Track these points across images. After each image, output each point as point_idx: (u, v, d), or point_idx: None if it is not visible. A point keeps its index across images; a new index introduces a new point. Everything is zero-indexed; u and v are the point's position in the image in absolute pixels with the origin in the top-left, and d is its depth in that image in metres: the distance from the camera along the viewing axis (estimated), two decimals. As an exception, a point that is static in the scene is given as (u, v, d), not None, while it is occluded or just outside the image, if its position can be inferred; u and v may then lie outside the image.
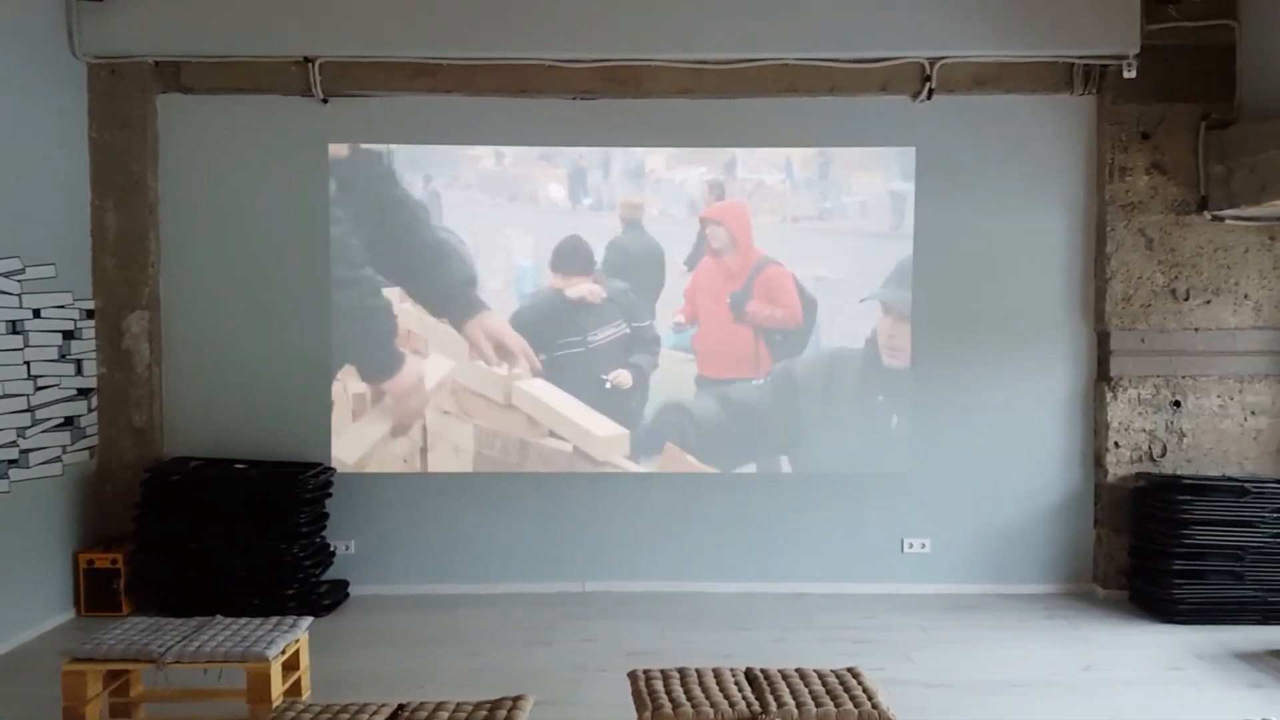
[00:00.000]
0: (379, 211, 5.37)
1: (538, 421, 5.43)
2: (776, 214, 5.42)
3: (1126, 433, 5.30)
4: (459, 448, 5.42)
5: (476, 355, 5.39)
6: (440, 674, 4.28)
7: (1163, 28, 5.14)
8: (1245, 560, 4.88)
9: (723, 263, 5.43)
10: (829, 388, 5.44)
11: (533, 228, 5.41)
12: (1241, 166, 4.91)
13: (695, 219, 5.40)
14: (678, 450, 5.44)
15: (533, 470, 5.41)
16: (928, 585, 5.44)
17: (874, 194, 5.43)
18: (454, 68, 5.21)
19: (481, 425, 5.42)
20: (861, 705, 3.06)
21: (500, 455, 5.42)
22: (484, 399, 5.42)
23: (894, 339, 5.45)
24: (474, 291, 5.39)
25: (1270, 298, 5.23)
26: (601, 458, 5.43)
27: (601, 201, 5.41)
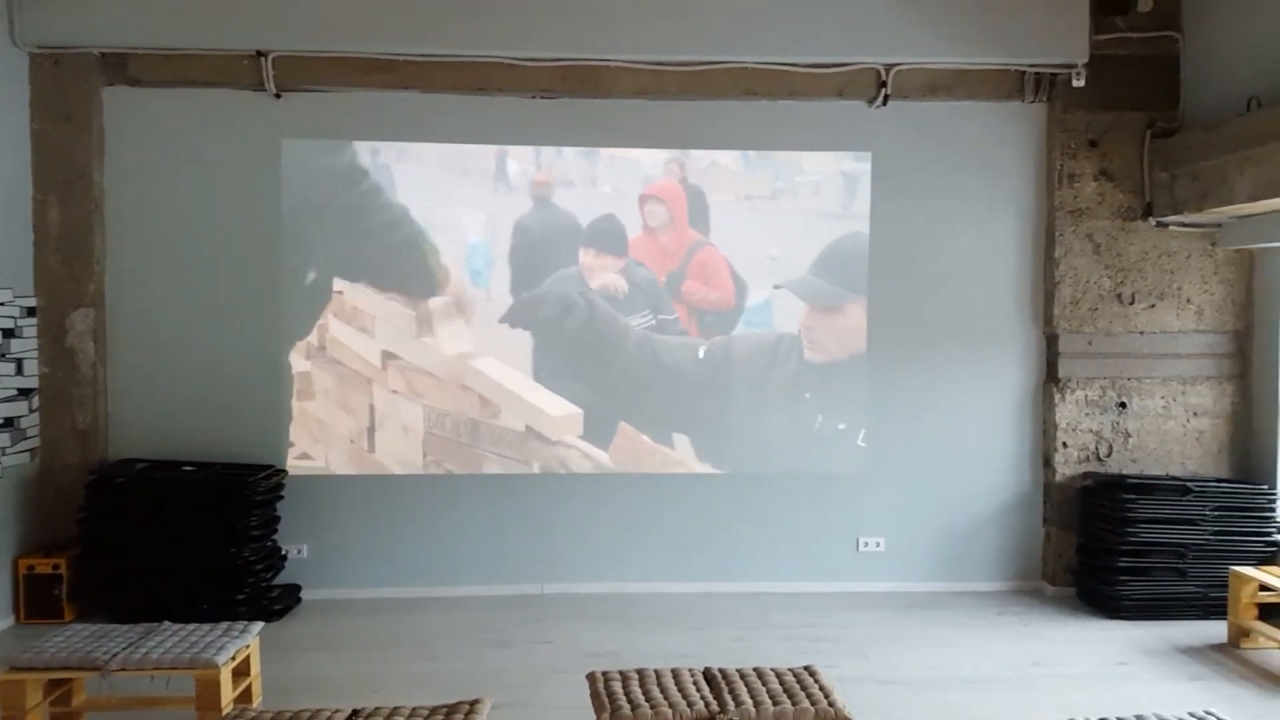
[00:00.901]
0: (329, 186, 5.29)
1: (489, 401, 5.36)
2: (730, 192, 5.42)
3: (1074, 433, 5.42)
4: (408, 428, 5.33)
5: (427, 332, 5.30)
6: (396, 678, 4.23)
7: (1110, 38, 5.27)
8: (1187, 557, 5.02)
9: (659, 241, 5.43)
10: (768, 376, 5.46)
11: (482, 205, 5.34)
12: (1185, 174, 5.05)
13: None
14: (632, 430, 5.41)
15: (486, 452, 5.33)
16: (882, 583, 5.51)
17: (827, 174, 5.45)
18: (411, 64, 5.15)
19: (431, 405, 5.35)
20: (818, 703, 3.09)
21: (451, 436, 5.34)
22: (434, 378, 5.34)
23: (813, 331, 5.46)
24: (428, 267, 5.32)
25: (1212, 302, 5.39)
26: (555, 437, 5.38)
27: (558, 179, 5.36)
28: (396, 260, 5.32)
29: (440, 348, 5.35)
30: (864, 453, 5.49)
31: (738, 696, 3.13)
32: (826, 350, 5.46)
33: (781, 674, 3.30)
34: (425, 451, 5.36)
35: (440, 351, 5.35)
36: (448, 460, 5.37)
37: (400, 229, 5.31)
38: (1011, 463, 5.54)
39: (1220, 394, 5.39)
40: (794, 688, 3.20)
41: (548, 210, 5.35)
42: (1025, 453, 5.54)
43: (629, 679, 3.25)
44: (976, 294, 5.51)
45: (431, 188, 5.32)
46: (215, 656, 3.55)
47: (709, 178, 5.40)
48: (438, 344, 5.35)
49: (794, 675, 3.30)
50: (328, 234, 5.30)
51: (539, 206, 5.35)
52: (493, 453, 5.38)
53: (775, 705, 3.08)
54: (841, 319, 5.48)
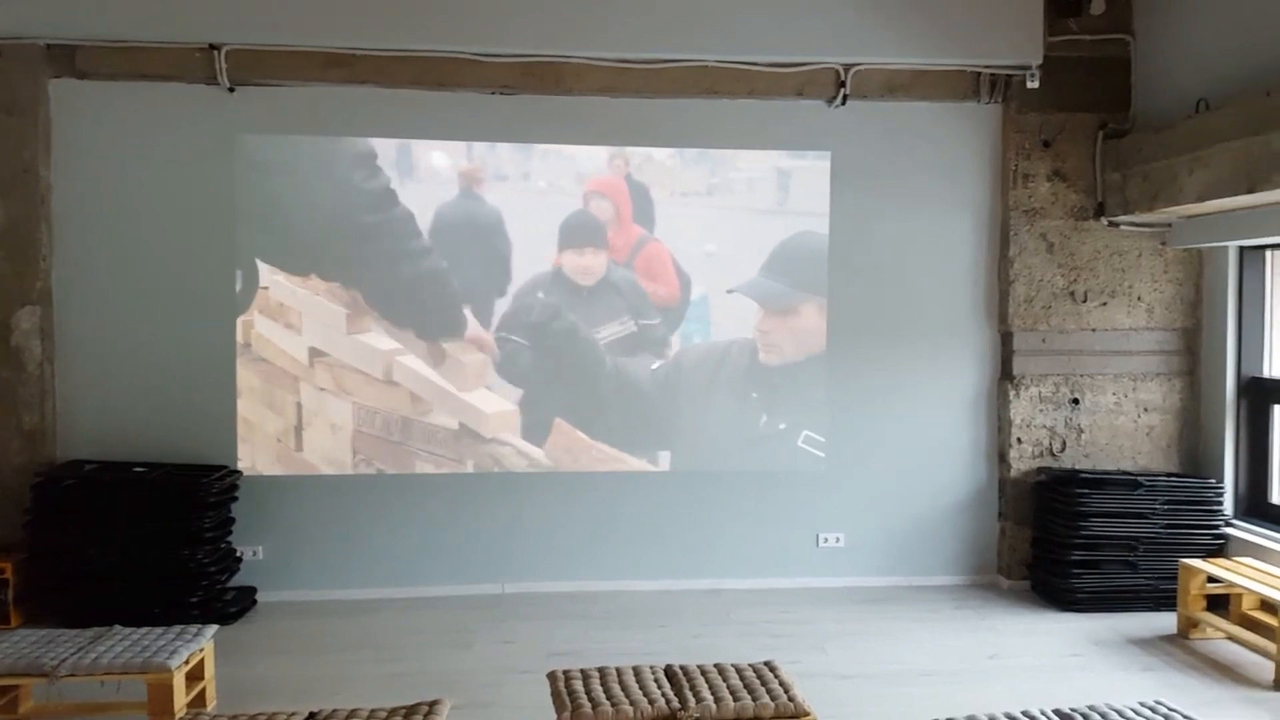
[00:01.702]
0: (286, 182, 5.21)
1: (421, 398, 5.29)
2: (666, 188, 5.42)
3: (1028, 429, 5.51)
4: (336, 426, 5.24)
5: (357, 329, 5.22)
6: (354, 680, 4.18)
7: (1063, 40, 5.36)
8: (1138, 550, 5.12)
9: (605, 237, 5.41)
10: (716, 378, 5.47)
11: (413, 197, 5.26)
12: (1135, 175, 5.15)
13: (580, 189, 5.34)
14: (568, 427, 5.37)
15: (418, 450, 5.26)
16: (842, 579, 5.56)
17: (762, 170, 5.47)
18: (369, 58, 5.09)
19: (361, 402, 5.26)
20: (778, 698, 3.11)
21: (381, 434, 5.26)
22: (363, 375, 5.26)
23: (769, 335, 5.49)
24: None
25: (1162, 300, 5.51)
26: (490, 435, 5.33)
27: (495, 171, 5.32)
28: (343, 255, 5.23)
29: (371, 343, 5.25)
30: (803, 452, 5.50)
31: (699, 693, 3.14)
32: (783, 353, 5.49)
33: (742, 670, 3.32)
34: (355, 450, 5.27)
35: (371, 347, 5.25)
36: (378, 459, 5.28)
37: (354, 226, 5.23)
38: (968, 459, 5.62)
39: (1170, 390, 5.51)
40: (754, 683, 3.21)
41: (472, 201, 5.28)
42: (981, 449, 5.62)
43: (590, 677, 3.24)
44: (933, 292, 5.58)
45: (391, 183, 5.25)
46: (168, 660, 3.49)
47: (645, 173, 5.39)
48: (368, 340, 5.25)
49: (754, 671, 3.32)
50: (282, 230, 5.21)
51: (464, 198, 5.27)
52: (424, 451, 5.30)
53: (736, 701, 3.09)
54: (797, 320, 5.51)
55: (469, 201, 5.28)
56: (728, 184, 5.46)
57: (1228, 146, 4.37)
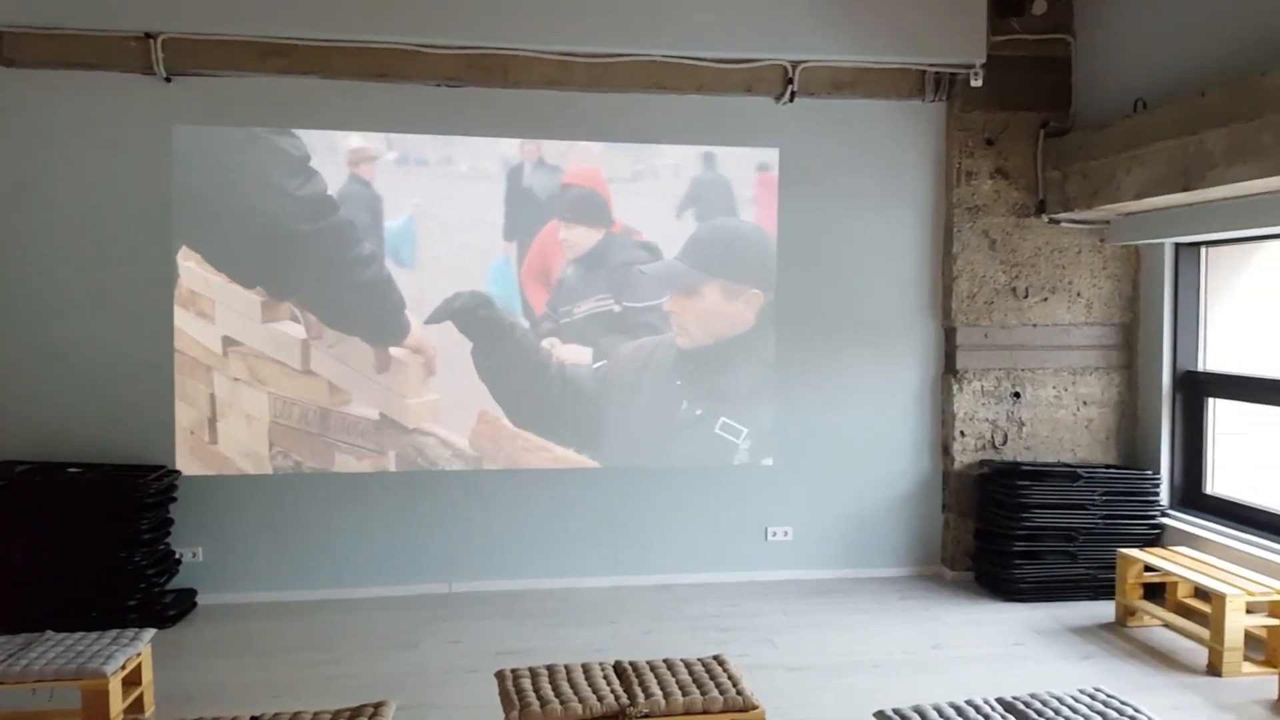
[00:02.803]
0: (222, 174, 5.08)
1: (340, 388, 5.20)
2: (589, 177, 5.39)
3: (971, 422, 5.60)
4: (251, 417, 5.13)
5: (273, 318, 5.10)
6: (297, 683, 4.10)
7: (1006, 40, 5.45)
8: (1078, 541, 5.24)
9: (574, 229, 5.38)
10: (646, 368, 5.46)
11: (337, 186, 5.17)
12: (1075, 173, 5.26)
13: (503, 176, 5.27)
14: (494, 417, 5.31)
15: (337, 441, 5.17)
16: (790, 572, 5.60)
17: (685, 157, 5.46)
18: (309, 49, 4.98)
19: (277, 393, 5.16)
20: (726, 692, 3.12)
21: (299, 425, 5.15)
22: (279, 364, 5.14)
23: (679, 316, 5.47)
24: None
25: (1100, 296, 5.63)
26: (412, 426, 5.26)
27: (408, 156, 5.23)
28: (284, 260, 5.14)
29: (287, 332, 5.13)
30: (725, 442, 5.51)
31: (647, 688, 3.14)
32: (691, 336, 5.47)
33: (691, 664, 3.33)
34: (271, 442, 5.16)
35: (287, 335, 5.13)
36: (295, 451, 5.17)
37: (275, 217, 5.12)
38: (912, 452, 5.70)
39: (1108, 384, 5.64)
40: (703, 677, 3.22)
41: (361, 188, 5.20)
42: (925, 442, 5.70)
43: (538, 675, 3.22)
44: (879, 288, 5.64)
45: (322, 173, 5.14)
46: (103, 666, 3.40)
47: (567, 161, 5.34)
48: (283, 328, 5.14)
49: (703, 665, 3.32)
50: (218, 224, 5.09)
51: (353, 182, 5.18)
52: (344, 442, 5.21)
53: (685, 696, 3.10)
54: (702, 302, 5.49)
55: (362, 187, 5.17)
56: (653, 170, 5.43)
57: (1164, 145, 4.48)
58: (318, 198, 5.13)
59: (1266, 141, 3.86)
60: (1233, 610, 4.18)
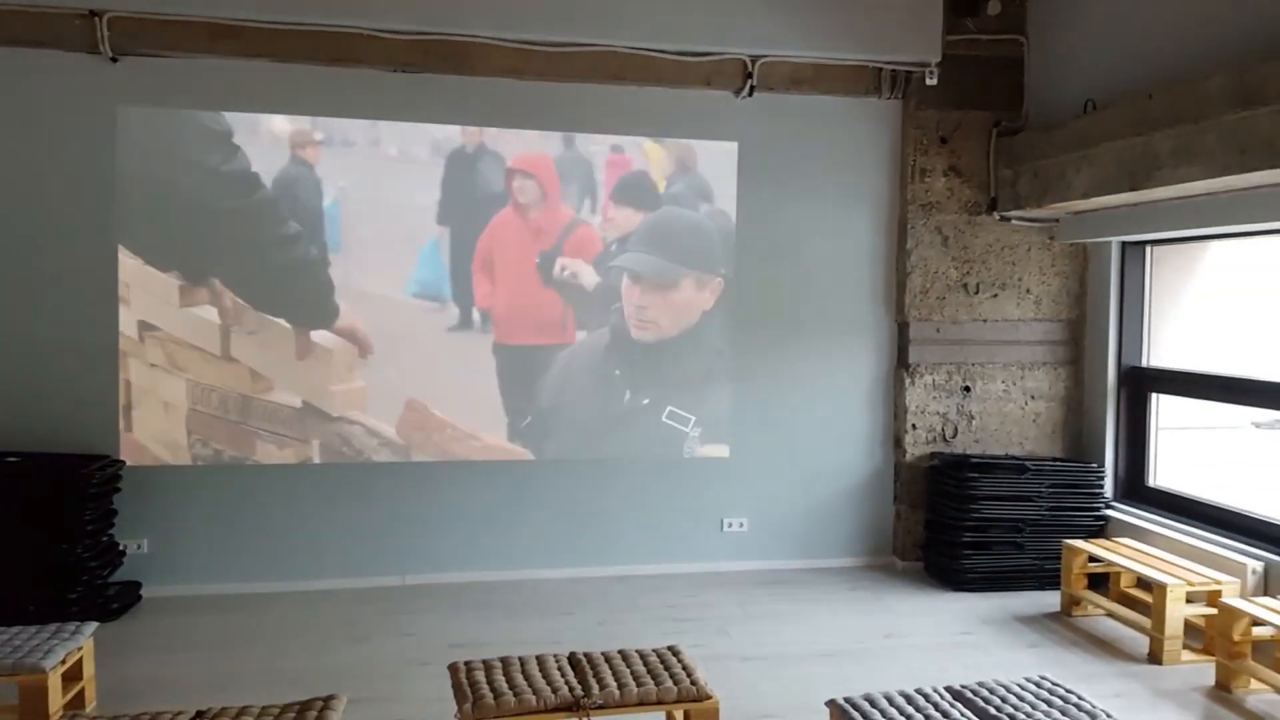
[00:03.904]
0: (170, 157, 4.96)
1: (261, 375, 5.09)
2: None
3: (923, 415, 5.68)
4: (169, 405, 4.99)
5: (191, 302, 4.97)
6: (245, 677, 4.03)
7: (961, 39, 5.52)
8: (1025, 532, 5.34)
9: (529, 219, 5.35)
10: (584, 360, 5.44)
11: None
12: (1026, 171, 5.35)
13: (440, 160, 5.21)
14: (423, 405, 5.23)
15: (259, 429, 5.07)
16: (745, 563, 5.64)
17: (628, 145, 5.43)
18: (261, 31, 4.87)
19: (195, 380, 5.03)
20: (681, 682, 3.13)
21: (218, 413, 5.03)
22: (198, 350, 5.02)
23: (644, 310, 5.48)
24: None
25: (1049, 292, 5.74)
26: (337, 414, 5.16)
27: (334, 137, 5.12)
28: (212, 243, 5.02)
29: (206, 317, 5.00)
30: (673, 431, 5.53)
31: (602, 680, 3.13)
32: (660, 328, 5.47)
33: (646, 655, 3.33)
34: (189, 430, 5.03)
35: (206, 321, 5.00)
36: (215, 439, 5.05)
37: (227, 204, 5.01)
38: (865, 444, 5.77)
39: (1055, 379, 5.76)
40: (658, 668, 3.23)
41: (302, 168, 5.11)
42: (878, 435, 5.78)
43: (492, 668, 3.20)
44: (835, 282, 5.69)
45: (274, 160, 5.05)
46: (41, 661, 3.30)
47: (512, 146, 5.29)
48: (202, 313, 5.00)
49: (658, 656, 3.33)
50: (163, 208, 4.97)
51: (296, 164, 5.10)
52: (266, 430, 5.10)
53: (639, 686, 3.10)
54: (678, 295, 5.49)
55: (297, 168, 5.08)
56: (590, 157, 5.41)
57: (1112, 146, 4.57)
58: (240, 175, 4.99)
59: (1210, 143, 3.96)
60: (1173, 600, 4.29)
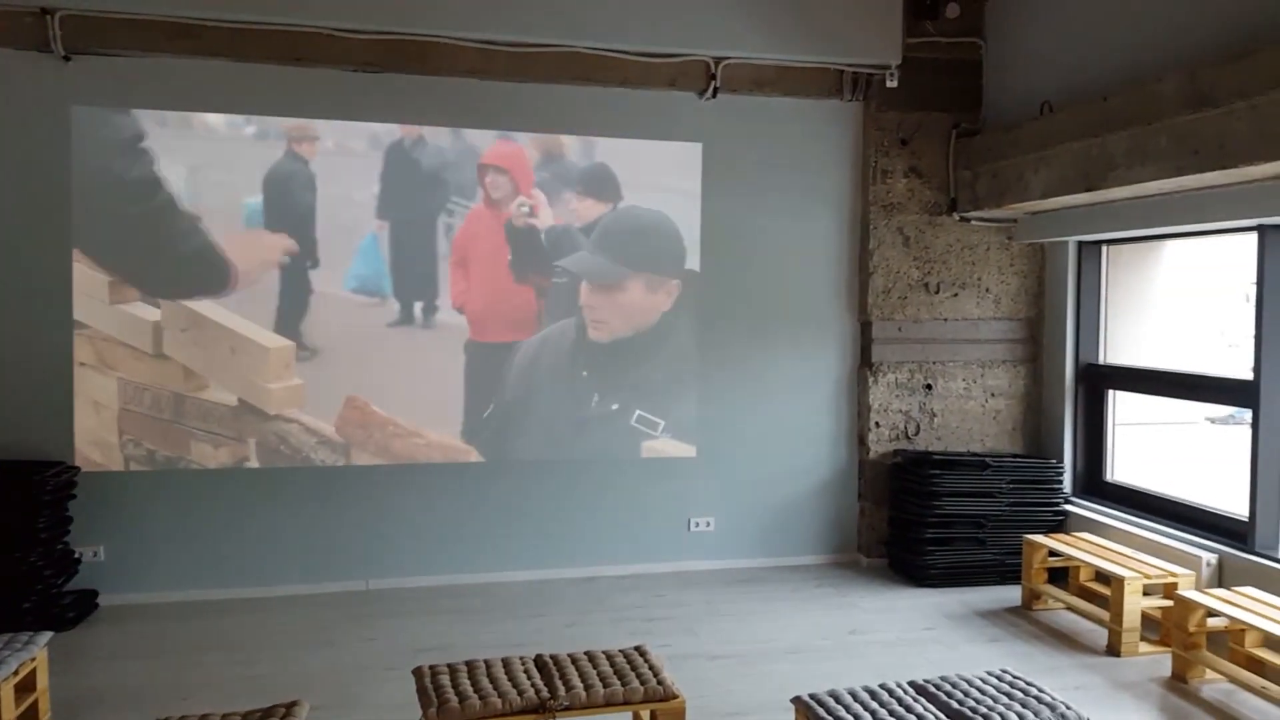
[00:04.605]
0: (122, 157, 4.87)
1: (195, 372, 5.00)
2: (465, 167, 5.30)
3: (886, 414, 5.73)
4: (100, 404, 4.88)
5: (121, 299, 4.86)
6: (206, 685, 3.97)
7: (921, 42, 5.58)
8: (986, 527, 5.41)
9: (502, 215, 5.32)
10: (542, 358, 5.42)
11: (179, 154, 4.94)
12: (985, 173, 5.43)
13: (379, 153, 5.15)
14: (364, 403, 5.17)
15: (193, 429, 5.00)
16: (712, 562, 5.66)
17: (577, 152, 5.42)
18: (220, 30, 4.80)
19: (127, 378, 4.93)
20: (647, 682, 3.13)
21: (151, 412, 4.93)
22: (129, 348, 4.91)
23: (594, 310, 5.46)
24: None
25: (1008, 292, 5.82)
26: (274, 411, 5.08)
27: (267, 131, 5.03)
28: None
29: (137, 314, 4.90)
30: (637, 432, 5.54)
31: (569, 681, 3.13)
32: (611, 329, 5.46)
33: (612, 656, 3.33)
34: (121, 430, 4.93)
35: (137, 318, 4.90)
36: (148, 439, 4.95)
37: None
38: (830, 442, 5.81)
39: (1014, 376, 5.84)
40: (624, 668, 3.23)
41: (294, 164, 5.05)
42: (842, 433, 5.82)
43: (457, 671, 3.18)
44: (799, 283, 5.73)
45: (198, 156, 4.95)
46: (-7, 672, 3.22)
47: (445, 141, 5.25)
48: (133, 310, 4.90)
49: (624, 656, 3.33)
50: (117, 209, 4.87)
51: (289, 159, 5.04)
52: (201, 430, 5.01)
53: (606, 687, 3.10)
54: (624, 296, 5.48)
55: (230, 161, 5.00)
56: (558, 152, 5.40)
57: (1068, 147, 4.65)
58: (146, 178, 4.89)
59: (1163, 144, 4.05)
60: (1130, 593, 4.37)
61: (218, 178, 4.97)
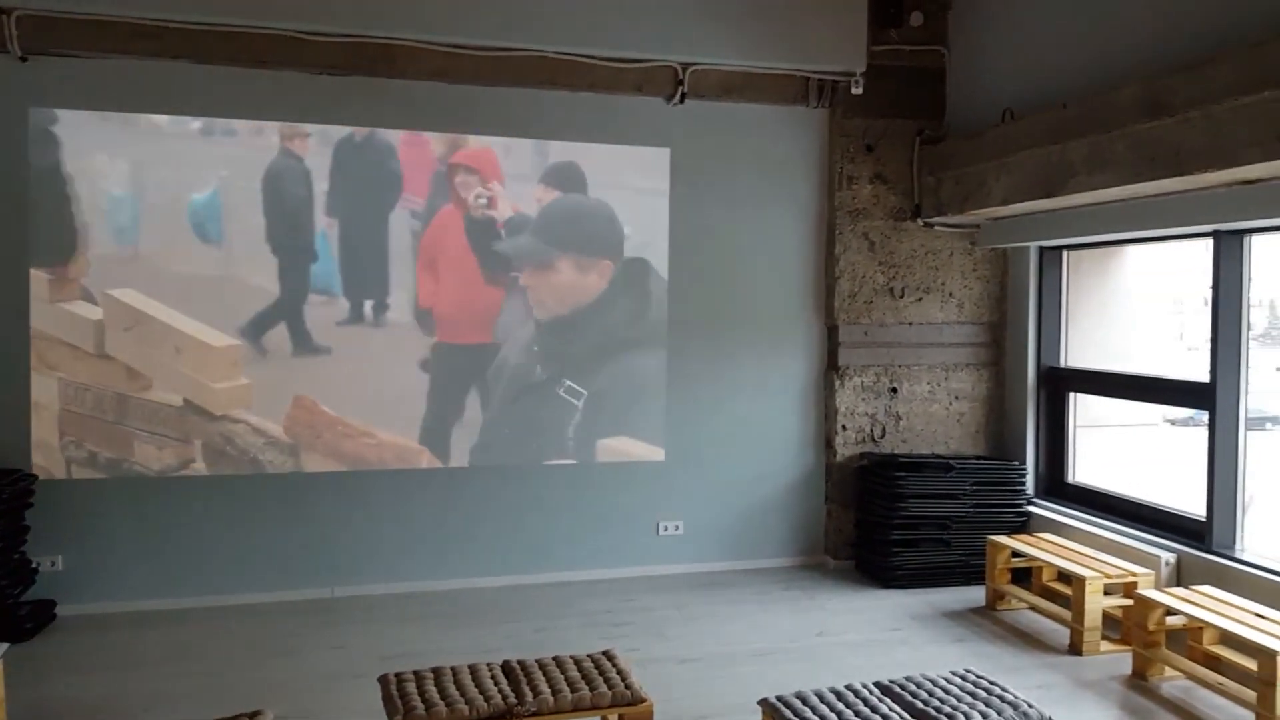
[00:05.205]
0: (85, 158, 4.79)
1: (139, 372, 4.90)
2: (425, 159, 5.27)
3: (852, 417, 5.78)
4: (39, 405, 4.78)
5: (62, 298, 4.76)
6: (166, 696, 3.90)
7: (885, 49, 5.65)
8: (951, 529, 5.48)
9: (472, 215, 5.28)
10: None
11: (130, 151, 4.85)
12: (949, 179, 5.50)
13: (328, 149, 5.08)
14: (312, 402, 5.10)
15: (137, 430, 4.87)
16: (681, 565, 5.67)
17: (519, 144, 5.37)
18: (182, 31, 4.74)
19: (68, 379, 4.82)
20: (615, 686, 3.13)
21: (93, 413, 4.83)
22: (70, 347, 4.81)
23: (532, 291, 5.39)
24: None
25: (971, 296, 5.90)
26: (220, 412, 5.00)
27: (214, 127, 4.96)
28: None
29: (79, 313, 4.80)
30: (564, 401, 5.49)
31: (536, 687, 3.12)
32: (548, 308, 5.42)
33: (580, 660, 3.33)
34: (62, 431, 4.82)
35: (79, 317, 4.80)
36: (90, 441, 4.85)
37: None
38: (797, 446, 5.85)
39: (978, 379, 5.92)
40: (592, 673, 3.23)
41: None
42: (810, 436, 5.86)
43: (424, 679, 3.16)
44: (766, 287, 5.76)
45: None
46: (-53, 686, 3.16)
47: (397, 137, 5.20)
48: (74, 309, 4.79)
49: (593, 661, 3.33)
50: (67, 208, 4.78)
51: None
52: (144, 431, 4.91)
53: (574, 692, 3.10)
54: (557, 276, 5.43)
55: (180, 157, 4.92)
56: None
57: (1029, 154, 4.73)
58: (50, 170, 4.78)
59: (1121, 152, 4.13)
60: (1092, 592, 4.44)
61: (161, 175, 4.88)
